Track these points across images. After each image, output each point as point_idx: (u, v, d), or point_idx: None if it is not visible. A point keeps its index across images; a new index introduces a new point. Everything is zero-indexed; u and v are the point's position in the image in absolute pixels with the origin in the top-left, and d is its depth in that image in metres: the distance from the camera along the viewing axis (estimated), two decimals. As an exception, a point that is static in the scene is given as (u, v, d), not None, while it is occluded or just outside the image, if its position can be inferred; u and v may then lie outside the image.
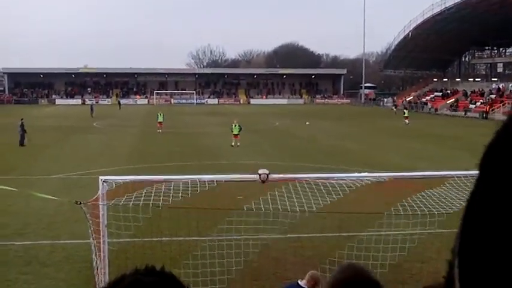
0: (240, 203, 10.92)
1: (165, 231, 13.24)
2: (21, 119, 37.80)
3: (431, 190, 10.61)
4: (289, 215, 10.01)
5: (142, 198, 8.15)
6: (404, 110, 63.35)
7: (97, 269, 8.26)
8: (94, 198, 7.91)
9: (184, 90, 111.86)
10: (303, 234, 13.65)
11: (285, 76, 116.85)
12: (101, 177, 7.86)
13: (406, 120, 56.97)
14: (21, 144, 36.66)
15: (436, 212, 10.04)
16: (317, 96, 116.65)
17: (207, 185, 8.97)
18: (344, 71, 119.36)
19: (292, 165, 24.97)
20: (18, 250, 13.62)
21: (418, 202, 10.36)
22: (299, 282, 7.62)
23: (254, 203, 10.32)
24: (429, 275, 11.33)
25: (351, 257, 10.24)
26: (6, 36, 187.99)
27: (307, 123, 55.56)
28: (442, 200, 10.15)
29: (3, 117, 61.43)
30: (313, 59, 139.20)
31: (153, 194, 8.31)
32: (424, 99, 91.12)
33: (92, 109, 69.86)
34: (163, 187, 8.68)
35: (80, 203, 7.71)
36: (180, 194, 8.75)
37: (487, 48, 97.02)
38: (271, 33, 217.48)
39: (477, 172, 0.78)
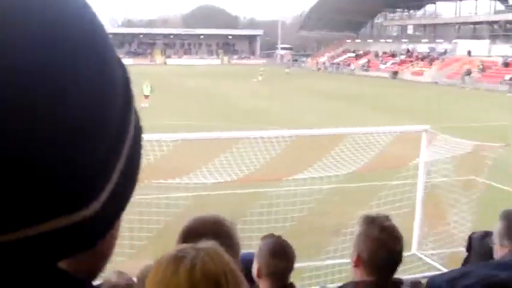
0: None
1: None
2: None
3: (334, 149, 11.01)
4: (202, 177, 10.11)
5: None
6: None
7: None
8: None
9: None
10: (211, 192, 13.88)
11: (202, 36, 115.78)
12: None
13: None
14: None
15: (333, 174, 10.46)
16: (234, 57, 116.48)
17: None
18: (260, 32, 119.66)
19: (208, 125, 25.01)
20: None
21: (325, 161, 10.72)
22: None
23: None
24: (329, 227, 11.94)
25: (261, 214, 10.54)
26: None
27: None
28: (345, 158, 10.55)
29: None
30: (230, 20, 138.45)
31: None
32: (337, 60, 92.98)
33: None
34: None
35: None
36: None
37: (398, 10, 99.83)
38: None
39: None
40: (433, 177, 10.74)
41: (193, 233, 2.24)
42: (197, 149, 11.62)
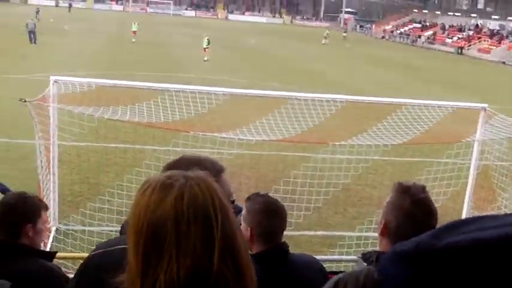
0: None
1: (110, 140, 13.08)
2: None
3: (388, 118, 10.75)
4: (248, 134, 10.03)
5: (92, 108, 8.10)
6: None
7: (41, 168, 8.31)
8: (40, 97, 7.82)
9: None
10: (263, 151, 13.84)
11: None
12: (52, 77, 7.75)
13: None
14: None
15: (389, 144, 10.20)
16: (297, 17, 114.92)
17: (166, 96, 8.88)
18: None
19: (262, 84, 24.95)
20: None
21: (376, 130, 10.49)
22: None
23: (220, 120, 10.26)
24: (378, 200, 11.68)
25: (305, 176, 10.43)
26: None
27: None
28: (396, 129, 10.29)
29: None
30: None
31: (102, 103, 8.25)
32: (402, 30, 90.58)
33: (37, 13, 58.00)
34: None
35: (25, 101, 7.60)
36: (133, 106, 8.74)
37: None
38: None
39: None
40: (486, 158, 10.35)
41: (176, 167, 2.13)
42: (246, 106, 11.57)
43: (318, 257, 6.57)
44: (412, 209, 2.58)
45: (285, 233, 3.18)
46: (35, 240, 3.49)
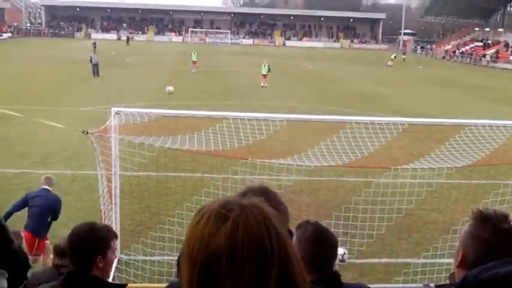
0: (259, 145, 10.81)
1: (170, 168, 13.23)
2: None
3: (451, 140, 10.43)
4: (306, 160, 9.93)
5: (152, 138, 8.22)
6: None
7: (103, 198, 8.47)
8: (102, 128, 8.01)
9: (219, 29, 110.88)
10: (322, 177, 13.67)
11: (322, 18, 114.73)
12: (113, 109, 7.93)
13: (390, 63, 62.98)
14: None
15: (453, 166, 9.89)
16: (354, 40, 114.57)
17: (224, 124, 8.93)
18: (383, 16, 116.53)
19: (320, 109, 24.84)
20: (40, 178, 13.94)
21: (439, 153, 10.21)
22: None
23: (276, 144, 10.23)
24: (444, 224, 11.30)
25: (367, 202, 10.22)
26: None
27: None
28: (460, 151, 9.97)
29: (42, 49, 62.07)
30: (352, 2, 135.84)
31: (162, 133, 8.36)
32: (463, 49, 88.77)
33: (94, 46, 56.34)
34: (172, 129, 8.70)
35: (87, 133, 7.80)
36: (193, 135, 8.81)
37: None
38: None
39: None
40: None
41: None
42: (304, 132, 11.49)
43: (382, 285, 6.38)
44: (493, 240, 2.37)
45: (347, 261, 3.12)
46: (105, 270, 3.49)
